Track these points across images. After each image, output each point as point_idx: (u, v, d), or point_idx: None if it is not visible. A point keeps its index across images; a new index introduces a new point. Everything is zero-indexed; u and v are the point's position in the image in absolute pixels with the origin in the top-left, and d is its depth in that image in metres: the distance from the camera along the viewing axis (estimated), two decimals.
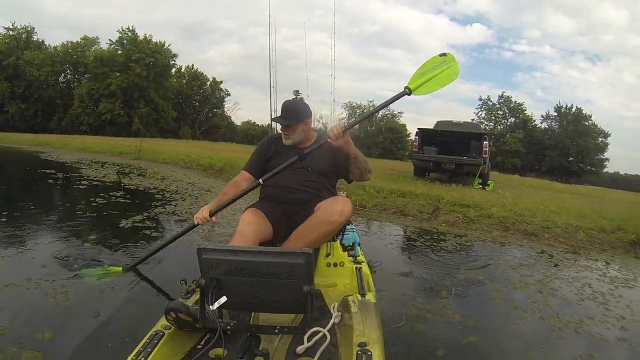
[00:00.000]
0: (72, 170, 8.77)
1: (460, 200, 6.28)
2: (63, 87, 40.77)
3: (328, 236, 2.18)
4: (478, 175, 9.28)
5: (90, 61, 37.60)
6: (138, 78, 36.43)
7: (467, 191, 7.69)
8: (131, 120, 36.96)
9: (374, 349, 1.36)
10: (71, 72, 41.02)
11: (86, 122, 36.96)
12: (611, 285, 3.49)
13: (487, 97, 46.08)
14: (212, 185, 7.91)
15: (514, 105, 44.81)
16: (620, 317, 2.72)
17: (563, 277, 3.59)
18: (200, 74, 46.65)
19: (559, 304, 2.91)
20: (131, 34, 37.96)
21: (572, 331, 2.45)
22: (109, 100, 36.31)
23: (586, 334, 2.43)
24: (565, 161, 41.06)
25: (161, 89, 39.70)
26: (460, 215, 5.72)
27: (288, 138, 2.36)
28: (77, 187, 6.54)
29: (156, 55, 37.77)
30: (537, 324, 2.53)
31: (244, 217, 2.13)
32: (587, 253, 4.68)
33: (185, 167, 10.96)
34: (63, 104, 39.14)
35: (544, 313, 2.68)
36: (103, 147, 15.50)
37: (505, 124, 44.70)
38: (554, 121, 43.94)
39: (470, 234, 5.09)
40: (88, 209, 4.94)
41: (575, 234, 5.17)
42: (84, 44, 40.38)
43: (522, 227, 5.37)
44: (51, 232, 3.79)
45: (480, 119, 45.04)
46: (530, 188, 11.80)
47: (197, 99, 47.01)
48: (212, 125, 46.35)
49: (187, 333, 1.55)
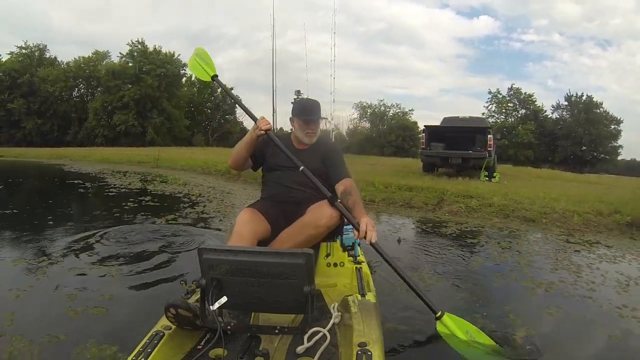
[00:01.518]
0: (97, 180, 9.29)
1: (464, 192, 6.64)
2: (77, 101, 41.70)
3: (316, 239, 2.16)
4: (484, 167, 9.60)
5: (102, 75, 38.48)
6: (150, 89, 37.12)
7: (473, 183, 7.96)
8: (145, 131, 37.58)
9: (374, 349, 1.37)
10: (84, 86, 41.95)
11: (101, 134, 37.86)
12: (590, 259, 3.86)
13: (496, 90, 45.58)
14: (231, 187, 8.47)
15: (524, 96, 44.20)
16: (590, 282, 3.15)
17: (544, 252, 4.11)
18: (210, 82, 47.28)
19: (535, 271, 3.41)
20: (141, 46, 38.77)
21: (543, 289, 2.94)
22: (123, 111, 37.11)
23: (555, 292, 2.92)
24: (578, 150, 40.44)
25: (173, 98, 40.37)
26: (462, 205, 6.11)
27: (314, 134, 2.36)
28: (108, 194, 7.08)
29: (166, 65, 38.49)
30: (513, 283, 3.11)
31: (241, 216, 2.13)
32: (581, 235, 5.04)
33: (204, 172, 11.43)
34: (78, 118, 40.07)
35: (519, 277, 3.23)
36: (121, 158, 15.99)
37: (516, 116, 44.03)
38: (565, 111, 43.24)
39: (471, 222, 5.48)
40: (125, 211, 5.45)
41: (571, 218, 5.54)
42: (96, 59, 41.26)
43: (522, 213, 5.73)
44: (103, 224, 4.51)
45: (491, 113, 44.67)
46: (538, 179, 12.04)
47: (209, 107, 47.54)
48: (225, 132, 46.66)
49: (187, 333, 1.56)
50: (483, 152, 9.42)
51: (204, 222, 4.97)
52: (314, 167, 2.26)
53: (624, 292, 2.99)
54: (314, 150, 2.36)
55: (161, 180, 9.50)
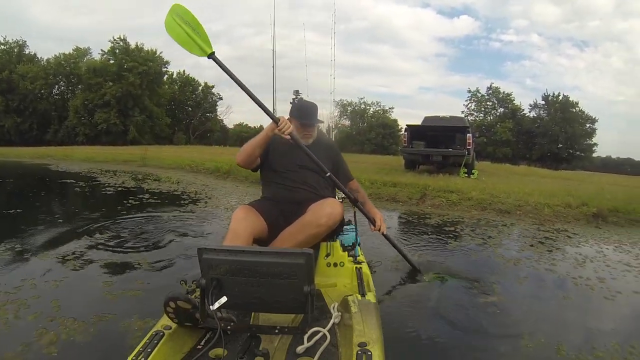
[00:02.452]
0: (89, 180, 9.26)
1: (445, 187, 7.07)
2: (57, 99, 40.62)
3: (316, 238, 2.16)
4: (463, 165, 9.99)
5: (83, 72, 37.59)
6: (132, 87, 36.41)
7: (453, 179, 8.35)
8: (127, 129, 36.95)
9: (374, 349, 1.37)
10: (65, 83, 40.98)
11: (82, 132, 36.96)
12: (555, 243, 4.46)
13: (476, 89, 46.40)
14: (223, 185, 8.73)
15: (503, 95, 45.01)
16: (552, 259, 3.77)
17: (515, 238, 4.80)
18: (192, 80, 46.62)
19: (506, 251, 3.99)
20: (123, 43, 37.98)
21: (512, 264, 3.54)
22: (104, 110, 36.35)
23: (522, 265, 3.52)
24: (555, 148, 41.38)
25: (155, 96, 39.70)
26: (444, 199, 6.57)
27: (310, 137, 2.39)
28: (106, 193, 7.15)
29: (148, 63, 37.82)
30: (486, 259, 3.70)
31: (236, 214, 2.12)
32: (551, 224, 5.52)
33: (192, 171, 11.56)
34: (58, 116, 39.09)
35: (492, 254, 3.84)
36: (106, 157, 15.75)
37: (495, 114, 44.89)
38: (542, 109, 44.13)
39: (452, 214, 5.94)
40: (128, 208, 5.64)
41: (543, 210, 6.03)
42: (76, 55, 40.28)
43: (498, 206, 6.21)
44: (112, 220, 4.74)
45: (470, 111, 45.51)
46: (514, 175, 12.60)
47: (190, 104, 47.02)
48: (205, 130, 46.51)
49: (187, 333, 1.56)
50: (462, 150, 9.78)
51: (210, 215, 5.38)
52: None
53: (580, 267, 3.57)
54: (315, 149, 2.39)
55: (154, 178, 9.60)
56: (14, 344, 1.87)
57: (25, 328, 2.05)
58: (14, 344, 1.88)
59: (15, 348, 1.85)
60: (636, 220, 5.89)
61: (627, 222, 5.85)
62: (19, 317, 2.16)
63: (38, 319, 2.14)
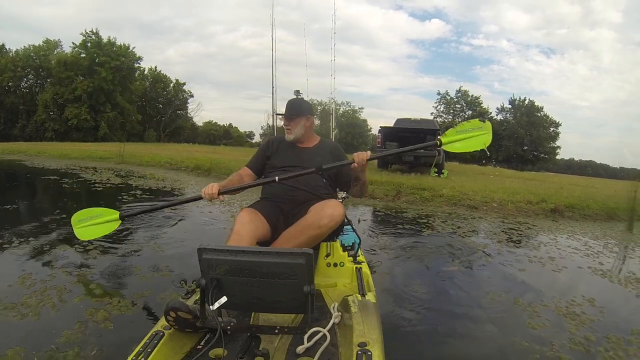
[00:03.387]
0: (73, 176, 9.05)
1: (418, 185, 7.59)
2: (25, 93, 39.39)
3: (317, 239, 2.15)
4: (434, 165, 10.70)
5: (53, 65, 36.47)
6: (104, 82, 35.58)
7: (424, 178, 8.95)
8: (98, 125, 36.05)
9: (374, 349, 1.36)
10: (34, 77, 39.75)
11: (51, 128, 35.86)
12: (516, 233, 5.03)
13: (445, 92, 47.79)
14: (209, 182, 8.77)
15: (471, 98, 46.52)
16: (512, 242, 4.47)
17: (482, 228, 5.35)
18: (163, 76, 46.14)
19: (475, 238, 4.58)
20: (95, 37, 36.95)
21: (480, 250, 4.02)
22: (75, 105, 35.35)
23: (488, 249, 4.10)
24: (520, 150, 43.04)
25: (127, 92, 38.92)
26: (417, 196, 7.08)
27: (290, 132, 2.42)
28: (95, 190, 7.03)
29: (121, 58, 37.03)
30: (457, 243, 4.20)
31: (240, 216, 2.11)
32: (513, 218, 6.11)
33: (172, 168, 11.63)
34: (26, 111, 37.81)
35: (461, 241, 4.34)
36: (81, 154, 15.31)
37: (463, 116, 45.90)
38: (509, 113, 45.86)
39: (425, 209, 6.45)
40: (125, 203, 5.70)
41: (507, 206, 6.63)
42: (47, 48, 39.23)
43: (466, 202, 6.76)
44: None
45: (439, 113, 46.73)
46: (481, 175, 13.51)
47: (161, 101, 46.50)
48: (176, 127, 46.08)
49: (187, 333, 1.55)
50: (433, 151, 10.33)
51: (210, 206, 5.47)
52: (322, 164, 2.31)
53: (536, 250, 4.21)
54: (319, 149, 2.46)
55: (138, 176, 9.58)
56: (69, 323, 2.01)
57: (74, 309, 2.20)
58: (69, 322, 2.02)
59: (71, 326, 1.98)
60: (589, 215, 6.64)
61: (581, 216, 6.59)
62: (64, 300, 2.29)
63: (83, 300, 2.31)
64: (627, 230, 5.88)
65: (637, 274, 3.55)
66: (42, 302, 2.25)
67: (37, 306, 2.20)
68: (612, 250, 4.53)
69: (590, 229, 5.81)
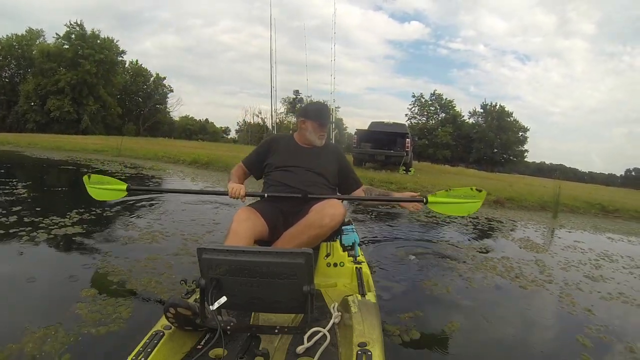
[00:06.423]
0: (88, 167, 9.35)
1: (387, 180, 8.84)
2: (6, 83, 38.81)
3: (319, 239, 2.13)
4: (402, 163, 12.19)
5: (35, 55, 35.93)
6: (88, 75, 35.34)
7: (393, 175, 10.12)
8: (80, 118, 35.74)
9: (374, 349, 1.36)
10: (15, 66, 39.20)
11: (33, 119, 35.47)
12: (464, 218, 6.03)
13: (420, 94, 49.20)
14: (210, 174, 9.73)
15: (445, 101, 47.91)
16: (463, 226, 5.58)
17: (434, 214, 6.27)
18: (144, 70, 46.04)
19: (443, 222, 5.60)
20: (79, 28, 36.65)
21: (432, 223, 5.32)
22: (57, 97, 35.03)
23: (452, 231, 5.12)
24: (490, 152, 44.70)
25: (109, 85, 38.71)
26: (385, 188, 8.53)
27: (324, 137, 2.40)
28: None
29: (105, 51, 36.80)
30: (417, 228, 5.12)
31: (237, 215, 2.08)
32: None
33: (171, 162, 12.30)
34: (7, 101, 37.36)
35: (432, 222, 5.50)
36: (74, 146, 15.18)
37: (437, 118, 47.72)
38: (480, 117, 47.52)
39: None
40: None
41: None
42: (29, 37, 38.55)
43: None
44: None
45: (414, 114, 48.09)
46: (446, 174, 15.03)
47: (141, 95, 46.41)
48: (155, 121, 45.99)
49: (187, 333, 1.53)
50: (402, 151, 12.06)
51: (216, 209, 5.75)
52: (325, 166, 2.34)
53: (480, 226, 5.58)
54: (322, 149, 2.42)
55: (146, 167, 10.14)
56: (67, 322, 1.97)
57: (73, 308, 2.13)
58: (67, 322, 1.98)
59: (70, 326, 1.95)
60: (524, 206, 8.22)
61: (518, 207, 8.15)
62: (64, 300, 2.23)
63: (83, 300, 2.24)
64: (552, 218, 7.38)
65: (534, 240, 4.91)
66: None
67: (37, 306, 2.18)
68: (529, 227, 6.03)
69: (522, 215, 7.26)
